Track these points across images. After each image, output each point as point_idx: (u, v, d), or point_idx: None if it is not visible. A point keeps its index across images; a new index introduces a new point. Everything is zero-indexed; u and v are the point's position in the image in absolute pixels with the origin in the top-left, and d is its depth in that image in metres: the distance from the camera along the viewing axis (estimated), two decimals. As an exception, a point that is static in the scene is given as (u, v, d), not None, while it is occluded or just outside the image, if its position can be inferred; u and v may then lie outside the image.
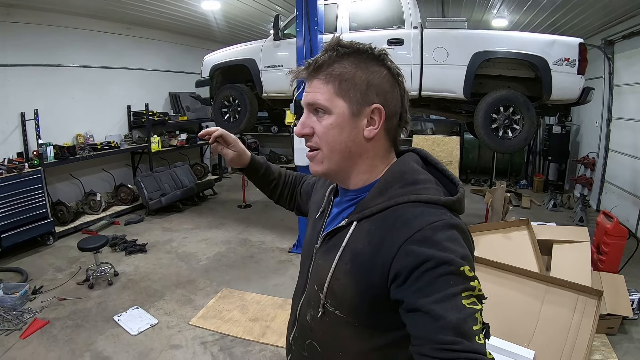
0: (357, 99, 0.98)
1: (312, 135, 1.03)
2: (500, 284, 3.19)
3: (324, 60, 0.98)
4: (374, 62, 0.99)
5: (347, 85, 0.97)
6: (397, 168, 1.03)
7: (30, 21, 6.03)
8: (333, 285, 1.01)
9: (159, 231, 6.44)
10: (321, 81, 0.98)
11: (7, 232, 5.14)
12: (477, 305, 0.80)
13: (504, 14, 6.96)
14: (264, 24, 8.16)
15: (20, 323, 3.73)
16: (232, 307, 4.11)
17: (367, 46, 0.99)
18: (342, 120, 0.98)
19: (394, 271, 0.87)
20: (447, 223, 0.89)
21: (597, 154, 7.56)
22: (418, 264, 0.83)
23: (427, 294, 0.80)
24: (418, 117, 10.55)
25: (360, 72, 0.98)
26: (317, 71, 0.99)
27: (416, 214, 0.91)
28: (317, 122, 1.01)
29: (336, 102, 0.98)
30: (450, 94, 5.11)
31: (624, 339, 3.53)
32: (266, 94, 5.95)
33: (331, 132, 0.99)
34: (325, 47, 1.00)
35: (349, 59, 0.98)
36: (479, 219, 6.34)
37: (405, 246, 0.87)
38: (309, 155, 1.06)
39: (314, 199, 1.30)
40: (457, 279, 0.81)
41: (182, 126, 9.08)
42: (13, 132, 5.94)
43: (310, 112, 1.03)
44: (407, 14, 5.16)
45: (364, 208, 1.00)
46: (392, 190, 0.98)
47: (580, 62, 4.69)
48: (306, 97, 1.02)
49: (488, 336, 0.84)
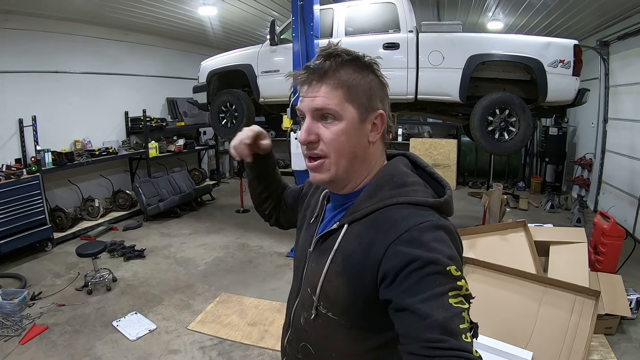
0: (365, 104, 0.99)
1: (317, 142, 1.01)
2: (497, 286, 3.19)
3: (330, 66, 0.98)
4: (369, 70, 1.01)
5: (355, 91, 0.98)
6: (386, 171, 1.05)
7: (28, 27, 6.07)
8: (325, 287, 1.02)
9: (157, 236, 6.44)
10: (330, 87, 0.97)
11: (5, 238, 5.14)
12: (465, 305, 0.82)
13: (499, 16, 6.99)
14: (260, 29, 8.20)
15: (19, 329, 3.72)
16: (230, 311, 4.11)
17: (360, 53, 1.01)
18: (352, 126, 0.99)
19: (383, 271, 0.89)
20: (434, 224, 0.90)
21: (594, 154, 7.59)
22: (405, 264, 0.84)
23: (414, 294, 0.81)
24: (415, 120, 10.59)
25: (363, 78, 1.00)
26: (323, 77, 0.98)
27: (404, 215, 0.93)
28: (323, 129, 1.00)
29: (346, 107, 0.98)
30: (446, 97, 5.12)
31: (622, 338, 3.54)
32: (263, 99, 5.96)
33: (341, 139, 0.99)
34: (326, 53, 0.99)
35: (351, 66, 0.99)
36: (476, 221, 6.36)
37: (393, 247, 0.88)
38: (313, 164, 1.04)
39: (307, 204, 1.30)
40: (444, 278, 0.82)
41: (179, 132, 9.09)
42: (11, 138, 5.96)
43: (315, 118, 1.01)
44: (403, 18, 5.18)
45: (355, 211, 1.02)
46: (381, 192, 1.00)
47: (575, 64, 4.72)
48: (313, 103, 0.99)
49: (476, 335, 0.84)
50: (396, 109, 5.61)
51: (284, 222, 1.53)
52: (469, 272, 3.31)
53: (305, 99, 1.01)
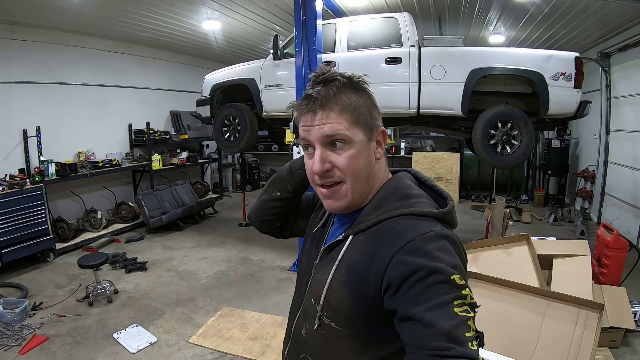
0: (369, 124, 1.02)
1: (332, 169, 1.01)
2: (501, 300, 3.17)
3: (330, 91, 0.98)
4: (360, 89, 1.03)
5: (358, 113, 1.00)
6: (391, 185, 1.07)
7: (34, 39, 6.16)
8: (329, 297, 1.02)
9: (160, 249, 6.44)
10: (336, 112, 0.98)
11: (7, 248, 5.16)
12: (470, 313, 0.82)
13: (500, 30, 7.05)
14: (263, 44, 8.28)
15: (19, 339, 3.72)
16: (232, 325, 4.09)
17: (349, 74, 1.02)
18: (362, 148, 1.01)
19: (387, 281, 0.89)
20: (437, 234, 0.91)
21: (597, 166, 7.59)
22: (409, 274, 0.85)
23: (419, 303, 0.82)
24: (417, 134, 10.62)
25: (361, 99, 1.01)
26: (326, 104, 0.98)
27: (408, 226, 0.94)
28: (336, 156, 1.00)
29: (355, 131, 0.99)
30: (448, 111, 5.13)
31: (627, 351, 3.51)
32: (266, 113, 5.98)
33: (355, 162, 1.00)
34: (322, 79, 0.99)
35: (348, 89, 1.00)
36: (479, 235, 6.33)
37: (397, 256, 0.89)
38: (328, 191, 1.04)
39: (315, 216, 1.30)
40: (448, 287, 0.82)
41: (183, 145, 9.16)
42: (15, 148, 6.00)
43: (324, 146, 1.00)
44: (405, 32, 5.22)
45: (360, 222, 1.03)
46: (386, 205, 1.02)
47: (576, 76, 4.73)
48: (322, 131, 0.98)
49: (482, 344, 0.85)
50: (399, 123, 5.63)
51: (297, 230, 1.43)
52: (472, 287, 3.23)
53: (313, 128, 1.00)
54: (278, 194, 1.32)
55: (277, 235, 1.44)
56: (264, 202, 1.37)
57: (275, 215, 1.37)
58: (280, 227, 1.41)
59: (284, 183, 1.31)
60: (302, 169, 1.18)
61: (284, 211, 1.36)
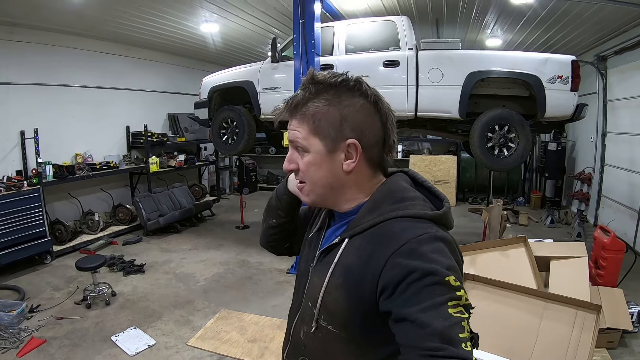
0: (332, 136, 1.00)
1: (297, 170, 1.08)
2: (498, 302, 3.18)
3: (299, 100, 1.02)
4: (348, 94, 1.00)
5: (321, 124, 1.00)
6: (386, 187, 1.07)
7: (32, 40, 6.15)
8: (326, 300, 1.03)
9: (157, 251, 6.42)
10: (297, 120, 1.03)
11: (4, 250, 5.13)
12: (464, 314, 0.83)
13: (497, 33, 7.09)
14: (261, 46, 8.29)
15: (17, 341, 3.70)
16: (230, 328, 4.08)
17: (342, 78, 1.01)
18: (319, 158, 1.02)
19: (382, 283, 0.90)
20: (432, 236, 0.92)
21: (593, 169, 7.63)
22: (404, 276, 0.86)
23: (413, 304, 0.82)
24: (415, 137, 10.64)
25: (333, 108, 1.00)
26: (294, 111, 1.03)
27: (403, 228, 0.94)
28: (300, 159, 1.06)
29: (312, 140, 1.02)
30: (445, 114, 5.17)
31: (625, 352, 3.53)
32: (264, 115, 5.99)
33: (311, 169, 1.04)
34: (303, 82, 1.04)
35: (323, 95, 1.00)
36: (477, 238, 6.35)
37: (393, 259, 0.89)
38: (298, 186, 1.12)
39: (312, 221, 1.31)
40: (443, 288, 0.83)
41: (180, 147, 9.12)
42: (12, 150, 5.99)
43: (294, 148, 1.07)
44: (402, 36, 5.25)
45: (355, 225, 1.03)
46: (381, 207, 1.01)
47: (573, 79, 4.77)
48: (288, 135, 1.07)
49: (476, 345, 0.85)
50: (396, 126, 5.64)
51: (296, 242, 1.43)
52: (470, 289, 3.30)
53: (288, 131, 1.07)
54: (274, 221, 1.36)
55: (290, 254, 1.48)
56: (264, 231, 1.42)
57: (278, 239, 1.41)
58: (289, 247, 1.44)
59: (275, 210, 1.34)
60: (287, 193, 1.26)
61: (286, 233, 1.39)
